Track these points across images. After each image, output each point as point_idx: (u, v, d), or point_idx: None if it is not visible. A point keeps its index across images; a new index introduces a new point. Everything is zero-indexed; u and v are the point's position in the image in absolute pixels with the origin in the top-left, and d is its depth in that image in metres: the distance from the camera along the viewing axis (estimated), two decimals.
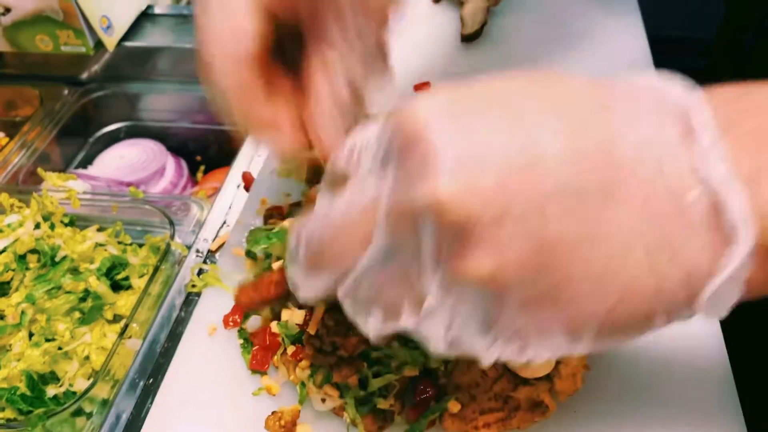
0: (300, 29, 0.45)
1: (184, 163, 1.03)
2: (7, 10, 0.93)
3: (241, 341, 0.55)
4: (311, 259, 0.32)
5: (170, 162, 1.00)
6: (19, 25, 0.94)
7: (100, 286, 0.71)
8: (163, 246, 0.72)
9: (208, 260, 0.66)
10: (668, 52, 1.03)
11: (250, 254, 0.58)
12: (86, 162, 1.01)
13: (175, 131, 1.04)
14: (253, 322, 0.55)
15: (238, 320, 0.56)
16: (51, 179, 0.78)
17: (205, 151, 1.04)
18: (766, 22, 0.91)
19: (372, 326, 0.32)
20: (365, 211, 0.29)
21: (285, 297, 0.42)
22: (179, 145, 1.04)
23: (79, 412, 0.61)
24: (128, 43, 1.01)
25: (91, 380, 0.67)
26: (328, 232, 0.31)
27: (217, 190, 0.83)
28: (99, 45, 0.97)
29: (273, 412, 0.50)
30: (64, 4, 0.90)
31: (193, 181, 1.03)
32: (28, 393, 0.64)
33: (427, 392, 0.46)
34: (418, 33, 0.90)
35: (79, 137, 1.02)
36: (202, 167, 1.04)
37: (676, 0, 1.70)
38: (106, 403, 0.60)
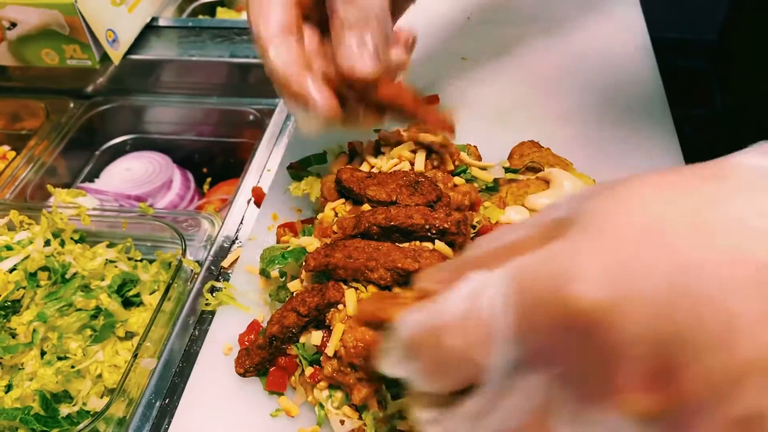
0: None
1: (190, 175, 1.03)
2: (13, 24, 0.93)
3: None
4: None
5: (177, 174, 1.00)
6: (25, 40, 0.94)
7: (112, 304, 0.71)
8: (175, 262, 0.71)
9: (221, 277, 0.66)
10: (671, 54, 1.03)
11: (264, 272, 0.58)
12: (93, 175, 1.01)
13: (181, 143, 1.04)
14: None
15: (253, 339, 0.56)
16: (60, 195, 0.78)
17: (211, 162, 1.04)
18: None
19: None
20: (535, 417, 0.26)
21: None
22: (185, 157, 1.04)
23: None
24: (133, 56, 1.01)
25: (105, 399, 0.67)
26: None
27: (225, 203, 0.83)
28: (105, 58, 0.97)
29: None
30: (70, 19, 0.90)
31: (200, 193, 1.03)
32: (42, 413, 0.64)
33: None
34: (424, 45, 0.90)
35: (85, 150, 1.02)
36: (209, 179, 1.04)
37: (678, 2, 1.70)
38: (122, 423, 0.60)
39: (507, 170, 0.64)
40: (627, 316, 0.23)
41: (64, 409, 0.66)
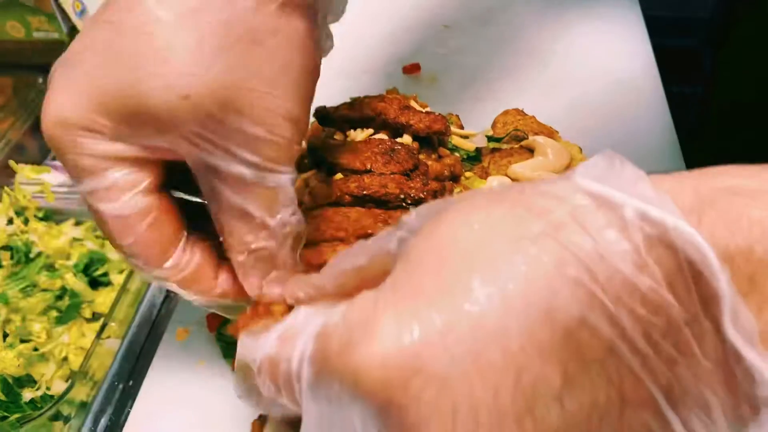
0: None
1: None
2: None
3: (221, 344, 0.52)
4: None
5: None
6: None
7: (78, 283, 0.68)
8: None
9: None
10: (664, 33, 1.00)
11: None
12: None
13: None
14: None
15: (219, 322, 0.53)
16: (24, 172, 0.75)
17: None
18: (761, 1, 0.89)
19: None
20: None
21: None
22: None
23: (57, 417, 0.58)
24: None
25: (69, 382, 0.64)
26: None
27: None
28: (74, 31, 0.93)
29: (259, 417, 0.47)
30: None
31: None
32: (3, 398, 0.62)
33: None
34: (407, 14, 0.86)
35: None
36: None
37: None
38: (84, 406, 0.57)
39: (490, 139, 0.61)
40: (418, 394, 0.21)
41: (27, 394, 0.63)
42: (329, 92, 0.72)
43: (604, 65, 0.76)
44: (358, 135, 0.57)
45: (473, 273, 0.22)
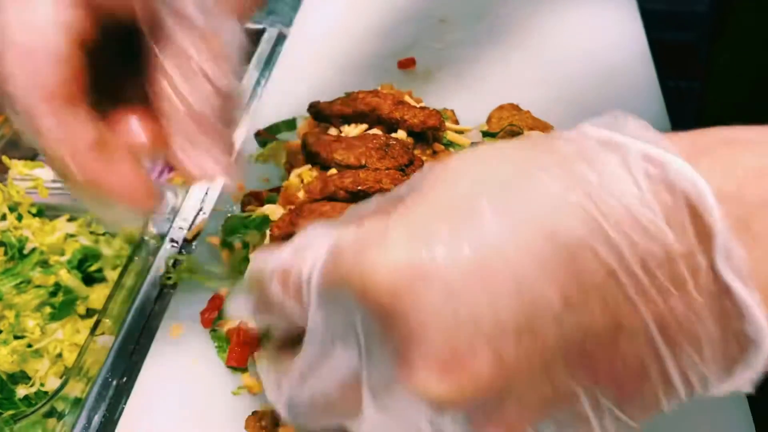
0: (134, 26, 0.34)
1: None
2: None
3: (216, 342, 0.52)
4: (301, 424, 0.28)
5: None
6: None
7: (72, 280, 0.68)
8: (137, 236, 0.68)
9: (183, 250, 0.63)
10: (661, 26, 1.00)
11: (226, 244, 0.54)
12: None
13: None
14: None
15: (213, 317, 0.53)
16: (17, 167, 0.74)
17: None
18: None
19: None
20: (345, 388, 0.25)
21: None
22: None
23: (50, 413, 0.58)
24: None
25: (63, 379, 0.64)
26: (310, 408, 0.27)
27: None
28: None
29: (253, 412, 0.47)
30: None
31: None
32: None
33: None
34: (402, 8, 0.86)
35: None
36: None
37: None
38: (79, 403, 0.56)
39: (485, 134, 0.61)
40: (422, 299, 0.22)
41: (21, 390, 0.63)
42: (323, 87, 0.72)
43: (599, 60, 0.76)
44: (353, 130, 0.57)
45: (482, 195, 0.23)
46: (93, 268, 0.70)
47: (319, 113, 0.58)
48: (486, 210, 0.22)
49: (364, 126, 0.57)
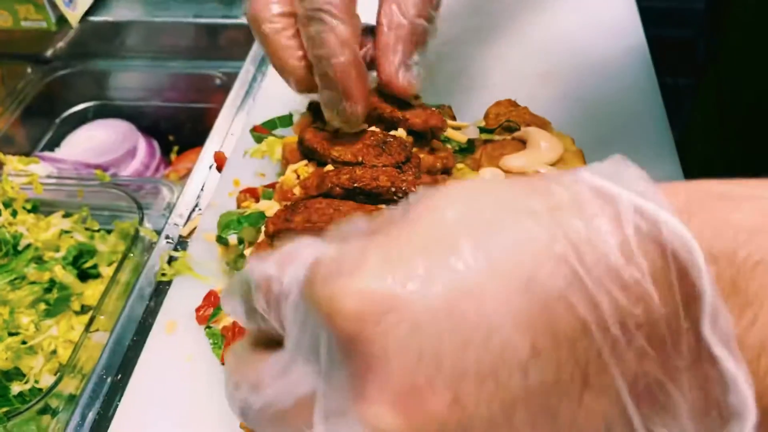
0: None
1: (156, 144, 0.98)
2: None
3: (211, 339, 0.52)
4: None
5: (141, 142, 0.96)
6: None
7: (67, 276, 0.68)
8: (132, 232, 0.68)
9: (179, 246, 0.63)
10: (658, 23, 1.00)
11: (221, 240, 0.54)
12: (53, 144, 0.96)
13: (147, 110, 0.99)
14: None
15: (208, 314, 0.52)
16: (11, 163, 0.74)
17: (179, 130, 1.00)
18: None
19: None
20: (300, 405, 0.25)
21: None
22: (151, 124, 0.99)
23: (45, 410, 0.58)
24: (94, 18, 0.96)
25: (58, 375, 0.64)
26: (262, 416, 0.27)
27: (190, 171, 0.79)
28: (62, 20, 0.91)
29: None
30: None
31: (167, 162, 0.99)
32: None
33: None
34: None
35: (44, 118, 0.97)
36: (176, 147, 0.99)
37: None
38: (73, 399, 0.56)
39: (482, 130, 0.61)
40: (387, 330, 0.21)
41: (16, 387, 0.63)
42: None
43: (597, 55, 0.76)
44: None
45: (465, 234, 0.22)
46: (88, 264, 0.70)
47: (317, 111, 0.58)
48: (466, 250, 0.22)
49: (364, 125, 0.56)
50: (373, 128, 0.56)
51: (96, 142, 0.95)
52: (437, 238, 0.23)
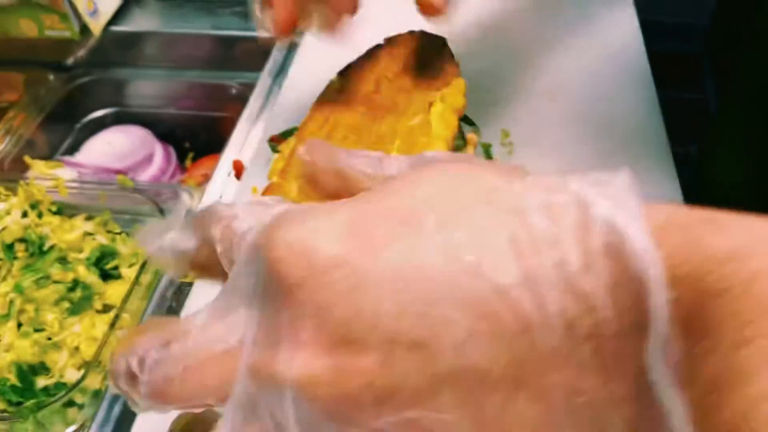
0: None
1: (172, 150, 1.02)
2: None
3: None
4: (152, 393, 0.26)
5: (158, 149, 0.99)
6: (2, 10, 0.92)
7: (90, 276, 0.71)
8: None
9: None
10: (661, 38, 1.02)
11: None
12: (73, 149, 1.00)
13: (163, 117, 1.02)
14: None
15: None
16: (38, 167, 0.77)
17: (194, 137, 1.03)
18: (760, 8, 0.91)
19: None
20: (228, 353, 0.24)
21: None
22: (167, 131, 1.03)
23: (71, 404, 0.61)
24: (115, 28, 0.99)
25: (82, 371, 0.67)
26: (181, 364, 0.25)
27: (206, 178, 0.82)
28: (85, 29, 0.95)
29: None
30: None
31: (182, 168, 1.02)
32: (18, 384, 0.64)
33: None
34: (404, 23, 0.88)
35: (65, 124, 1.01)
36: (191, 154, 1.03)
37: None
38: (98, 394, 0.59)
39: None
40: (331, 283, 0.22)
41: (41, 381, 0.66)
42: None
43: (598, 71, 0.78)
44: None
45: (432, 213, 0.23)
46: (110, 265, 0.73)
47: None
48: (429, 227, 0.22)
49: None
50: None
51: (114, 147, 0.98)
52: (405, 212, 0.23)
